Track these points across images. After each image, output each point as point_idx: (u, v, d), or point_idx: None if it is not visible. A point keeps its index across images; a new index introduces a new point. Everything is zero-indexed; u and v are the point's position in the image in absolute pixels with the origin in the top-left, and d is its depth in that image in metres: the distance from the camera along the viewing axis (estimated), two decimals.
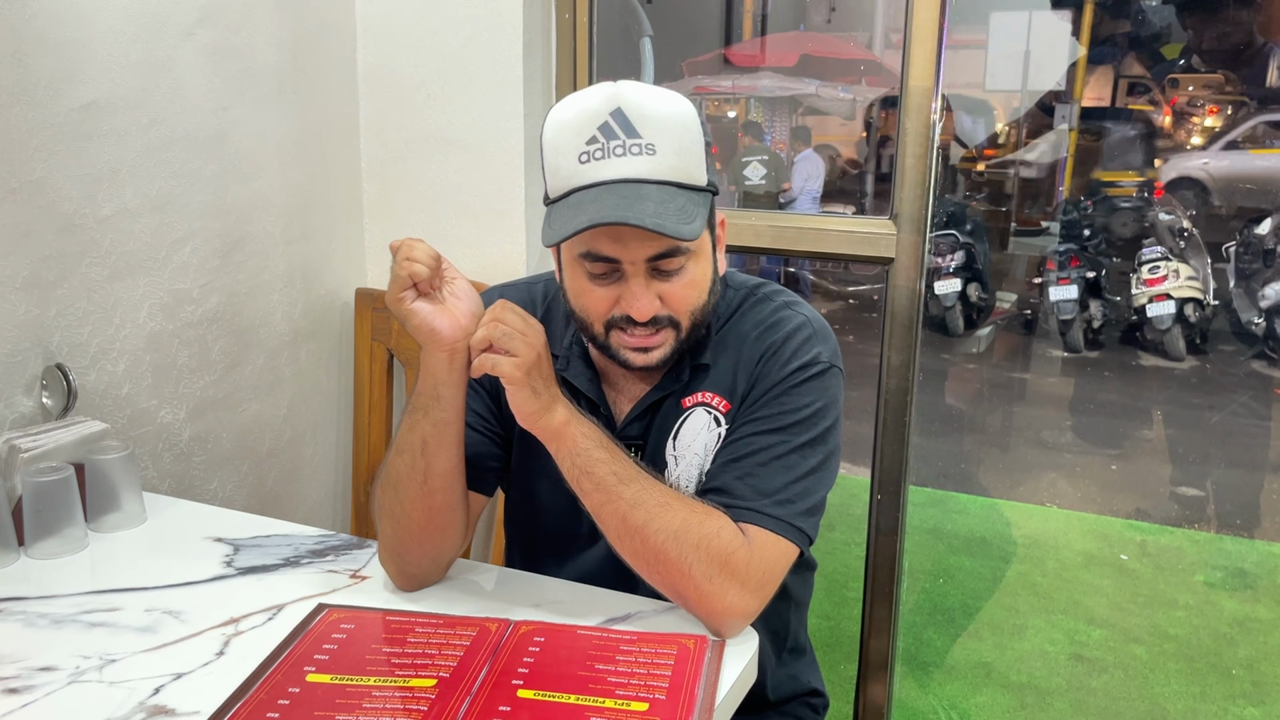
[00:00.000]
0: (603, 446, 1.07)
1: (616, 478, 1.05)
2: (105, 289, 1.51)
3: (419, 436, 1.10)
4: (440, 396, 1.09)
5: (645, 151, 1.05)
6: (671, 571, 1.04)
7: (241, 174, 1.72)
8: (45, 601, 1.15)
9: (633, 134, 1.05)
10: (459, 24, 1.88)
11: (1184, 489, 4.31)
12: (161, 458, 1.64)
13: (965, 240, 6.82)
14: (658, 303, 1.09)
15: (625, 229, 1.03)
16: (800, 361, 1.15)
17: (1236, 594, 3.29)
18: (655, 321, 1.10)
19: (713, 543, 1.04)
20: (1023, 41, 9.16)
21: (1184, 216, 6.78)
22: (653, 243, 1.05)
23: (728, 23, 11.14)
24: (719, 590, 1.04)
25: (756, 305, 1.22)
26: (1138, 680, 2.73)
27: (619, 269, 1.08)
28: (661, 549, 1.04)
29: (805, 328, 1.19)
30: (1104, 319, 6.46)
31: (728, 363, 1.19)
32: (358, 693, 0.94)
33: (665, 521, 1.04)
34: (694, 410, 1.18)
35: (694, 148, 1.08)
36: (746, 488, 1.10)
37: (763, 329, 1.19)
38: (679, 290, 1.10)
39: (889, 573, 1.89)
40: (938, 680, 2.70)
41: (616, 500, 1.05)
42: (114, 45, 1.48)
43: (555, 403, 1.07)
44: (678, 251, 1.07)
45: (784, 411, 1.14)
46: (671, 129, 1.06)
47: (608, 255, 1.07)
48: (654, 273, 1.09)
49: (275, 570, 1.23)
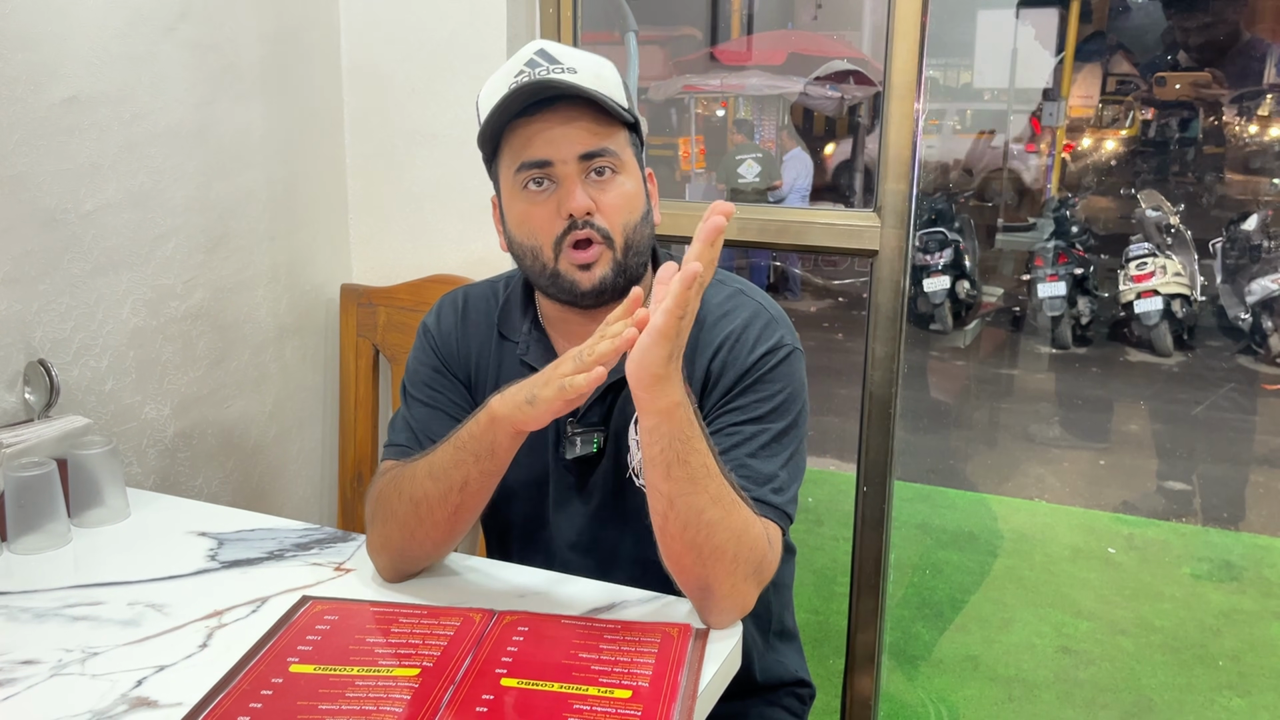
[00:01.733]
0: (701, 438, 1.01)
1: (706, 470, 1.01)
2: (88, 284, 1.51)
3: (461, 476, 1.07)
4: (495, 453, 1.06)
5: (568, 72, 1.12)
6: (720, 568, 1.03)
7: (225, 169, 1.72)
8: (27, 596, 1.15)
9: (554, 62, 1.13)
10: (443, 18, 1.88)
11: (1170, 483, 4.33)
12: (146, 454, 1.63)
13: (953, 237, 6.85)
14: (592, 202, 1.12)
15: (556, 130, 1.10)
16: (765, 348, 1.16)
17: (1222, 586, 3.30)
18: (592, 227, 1.12)
19: (758, 545, 1.05)
20: (1009, 39, 9.21)
21: (1171, 213, 6.82)
22: (582, 138, 1.11)
23: (714, 21, 11.15)
24: (746, 587, 1.05)
25: (710, 289, 1.21)
26: (1124, 672, 2.74)
27: (553, 175, 1.12)
28: (723, 546, 1.02)
29: (762, 313, 1.20)
30: (1092, 315, 6.49)
31: (685, 348, 1.18)
32: (341, 682, 0.94)
33: (732, 522, 1.03)
34: None
35: (612, 78, 1.15)
36: (741, 478, 1.10)
37: (719, 315, 1.20)
38: (611, 199, 1.13)
39: (875, 565, 1.89)
40: (925, 673, 2.71)
41: (701, 493, 1.00)
42: (95, 40, 1.48)
43: (677, 377, 0.98)
44: (608, 152, 1.12)
45: (759, 400, 1.15)
46: (591, 62, 1.15)
47: (541, 158, 1.11)
48: (587, 177, 1.13)
49: (259, 564, 1.22)
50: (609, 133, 1.13)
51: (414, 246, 1.99)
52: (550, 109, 1.11)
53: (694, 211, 2.00)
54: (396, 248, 2.00)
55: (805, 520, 3.66)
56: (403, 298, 1.91)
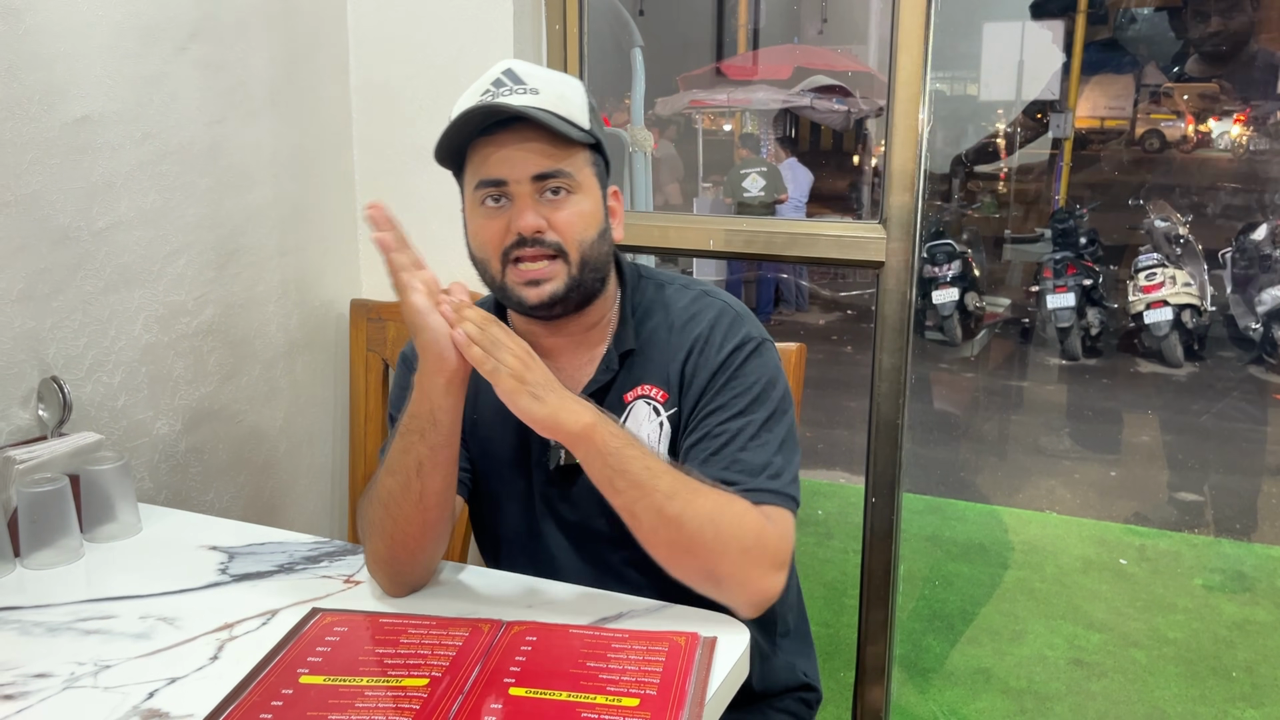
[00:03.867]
0: (632, 444, 1.08)
1: (650, 472, 1.06)
2: (100, 301, 1.52)
3: (414, 459, 1.10)
4: (437, 421, 1.10)
5: (530, 93, 1.15)
6: (708, 556, 1.07)
7: (235, 187, 1.73)
8: (40, 610, 1.16)
9: (519, 83, 1.16)
10: (450, 37, 1.90)
11: (1182, 494, 4.31)
12: (158, 469, 1.64)
13: (961, 249, 6.85)
14: (543, 221, 1.15)
15: (513, 151, 1.14)
16: (732, 344, 1.20)
17: (1235, 597, 3.29)
18: (541, 244, 1.15)
19: (744, 522, 1.08)
20: (1016, 52, 9.21)
21: (1180, 224, 6.80)
22: (536, 159, 1.14)
23: (719, 36, 11.20)
24: (754, 569, 1.08)
25: (675, 294, 1.27)
26: (1137, 684, 2.73)
27: (508, 193, 1.15)
28: (698, 534, 1.06)
29: (726, 312, 1.24)
30: (1101, 326, 6.47)
31: (658, 353, 1.23)
32: (350, 693, 0.95)
33: (699, 508, 1.06)
34: (635, 404, 1.23)
35: (576, 98, 1.18)
36: (737, 474, 1.13)
37: (686, 319, 1.24)
38: (565, 217, 1.16)
39: (884, 577, 1.89)
40: (937, 686, 2.70)
41: (652, 494, 1.06)
42: (108, 60, 1.50)
43: (570, 404, 1.06)
44: (561, 173, 1.15)
45: (737, 395, 1.18)
46: (555, 82, 1.18)
47: (495, 177, 1.15)
48: (541, 197, 1.15)
49: (269, 577, 1.23)
50: (564, 154, 1.16)
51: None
52: (508, 129, 1.15)
53: (697, 226, 2.01)
54: None
55: (815, 533, 3.65)
56: None
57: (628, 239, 2.01)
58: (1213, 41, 4.32)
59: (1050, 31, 8.96)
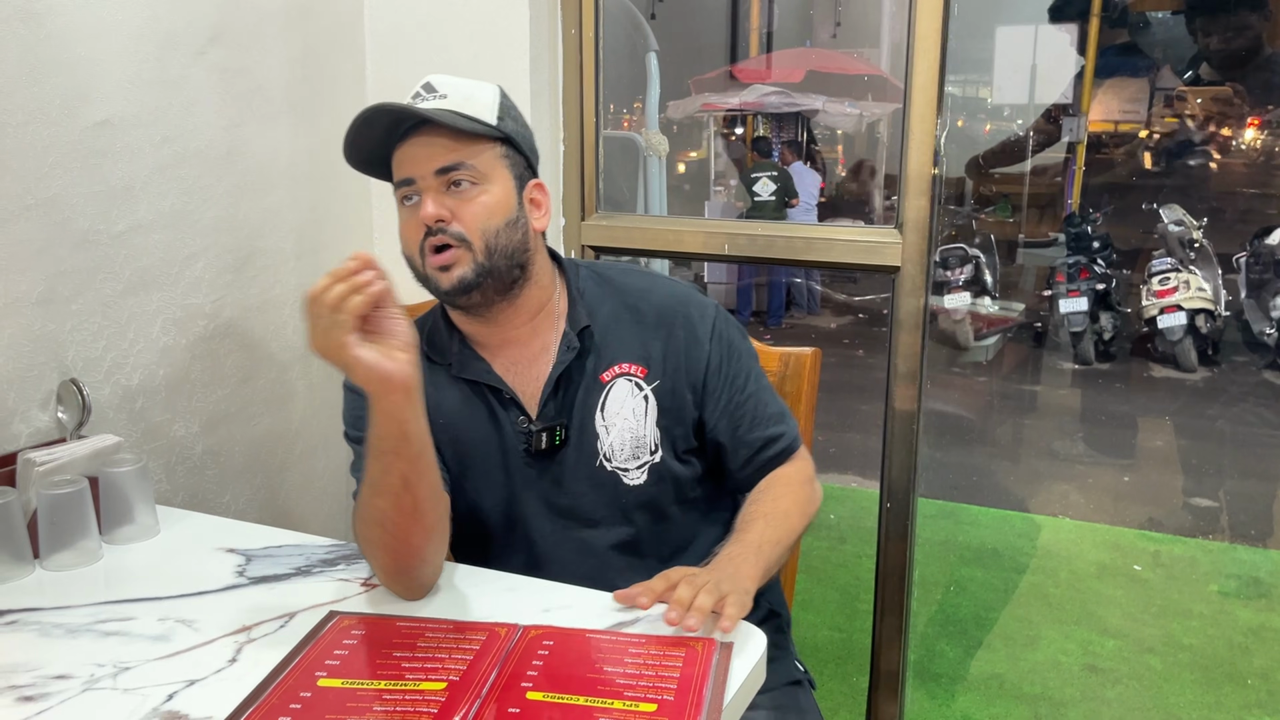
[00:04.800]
0: (758, 546, 1.19)
1: (774, 545, 1.20)
2: (119, 304, 1.53)
3: (397, 477, 1.10)
4: (408, 434, 1.08)
5: (439, 98, 1.23)
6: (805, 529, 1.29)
7: (253, 190, 1.74)
8: (60, 612, 1.16)
9: (432, 91, 1.24)
10: (466, 40, 1.90)
11: (1197, 499, 4.29)
12: (175, 471, 1.65)
13: (974, 253, 6.82)
14: (444, 211, 1.20)
15: (419, 150, 1.21)
16: (710, 318, 1.33)
17: (1251, 603, 3.27)
18: (445, 232, 1.21)
19: (803, 489, 1.31)
20: (1029, 55, 9.18)
21: (1194, 228, 6.77)
22: (437, 156, 1.20)
23: (733, 40, 11.20)
24: (817, 502, 1.33)
25: (618, 275, 1.36)
26: (1152, 690, 2.71)
27: (418, 190, 1.22)
28: (802, 530, 1.29)
29: (677, 286, 1.36)
30: (1115, 331, 6.44)
31: (627, 331, 1.31)
32: (368, 696, 0.95)
33: (792, 522, 1.26)
34: (615, 381, 1.30)
35: (484, 99, 1.25)
36: (773, 427, 1.32)
37: (640, 296, 1.33)
38: (466, 206, 1.22)
39: (899, 582, 1.89)
40: (951, 692, 2.69)
41: (786, 551, 1.24)
42: (127, 64, 1.51)
43: (743, 573, 1.13)
44: (461, 166, 1.21)
45: (738, 362, 1.33)
46: (466, 87, 1.25)
47: (406, 176, 1.22)
48: (447, 191, 1.22)
49: (287, 579, 1.24)
50: (465, 148, 1.22)
51: None
52: (417, 133, 1.22)
53: (712, 229, 2.01)
54: None
55: (828, 537, 3.64)
56: None
57: (644, 243, 2.02)
58: (1227, 45, 4.30)
59: (1067, 35, 8.93)
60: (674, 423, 1.30)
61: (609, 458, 1.29)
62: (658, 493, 1.31)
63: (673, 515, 1.33)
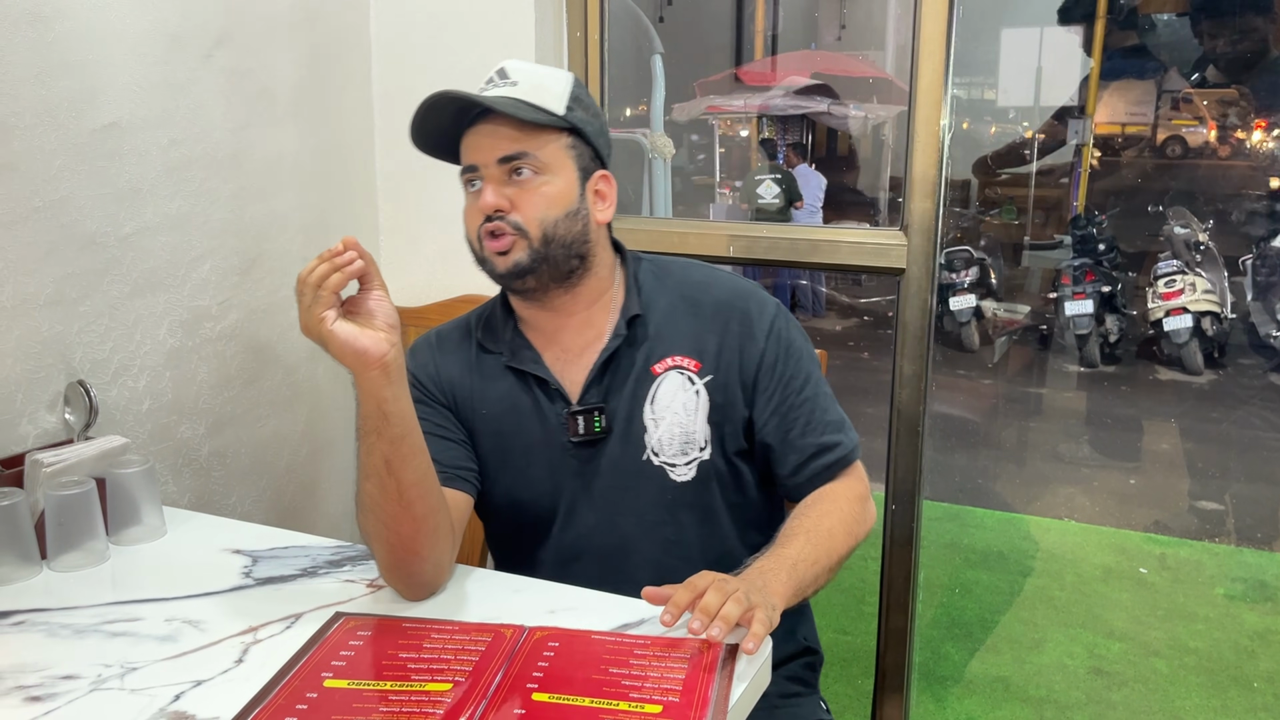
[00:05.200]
0: (794, 562, 1.15)
1: (811, 564, 1.16)
2: (126, 306, 1.54)
3: (380, 458, 1.10)
4: (388, 414, 1.09)
5: (509, 86, 1.23)
6: (852, 549, 1.25)
7: (259, 192, 1.75)
8: (67, 613, 1.17)
9: (505, 78, 1.24)
10: (472, 43, 1.91)
11: (1203, 502, 4.28)
12: (181, 473, 1.66)
13: (979, 255, 6.82)
14: (503, 201, 1.21)
15: (484, 138, 1.21)
16: (770, 316, 1.30)
17: (1257, 607, 3.26)
18: (502, 219, 1.21)
19: (853, 507, 1.26)
20: (1034, 57, 9.18)
21: (1199, 230, 6.76)
22: (502, 145, 1.20)
23: (738, 42, 11.20)
24: (868, 526, 1.28)
25: (680, 269, 1.35)
26: (1158, 694, 2.71)
27: (480, 177, 1.22)
28: (847, 553, 1.23)
29: (741, 283, 1.34)
30: (1120, 333, 6.43)
31: (683, 323, 1.29)
32: (374, 697, 0.95)
33: (835, 543, 1.21)
34: (667, 374, 1.28)
35: (556, 88, 1.24)
36: (830, 435, 1.28)
37: (700, 290, 1.31)
38: (526, 196, 1.21)
39: (904, 584, 1.89)
40: (956, 695, 2.68)
41: (824, 572, 1.19)
42: (135, 67, 1.52)
43: (772, 588, 1.10)
44: (523, 156, 1.20)
45: (797, 363, 1.29)
46: (538, 75, 1.24)
47: (470, 163, 1.23)
48: (509, 179, 1.21)
49: (293, 580, 1.24)
50: (529, 138, 1.21)
51: (443, 268, 2.01)
52: (485, 120, 1.22)
53: (717, 231, 2.01)
54: (426, 269, 2.03)
55: None
56: (433, 318, 1.93)
57: (648, 245, 2.02)
58: (1233, 48, 4.30)
59: (1073, 37, 8.92)
60: (725, 419, 1.28)
61: (656, 451, 1.27)
62: (705, 491, 1.28)
63: (720, 519, 1.30)
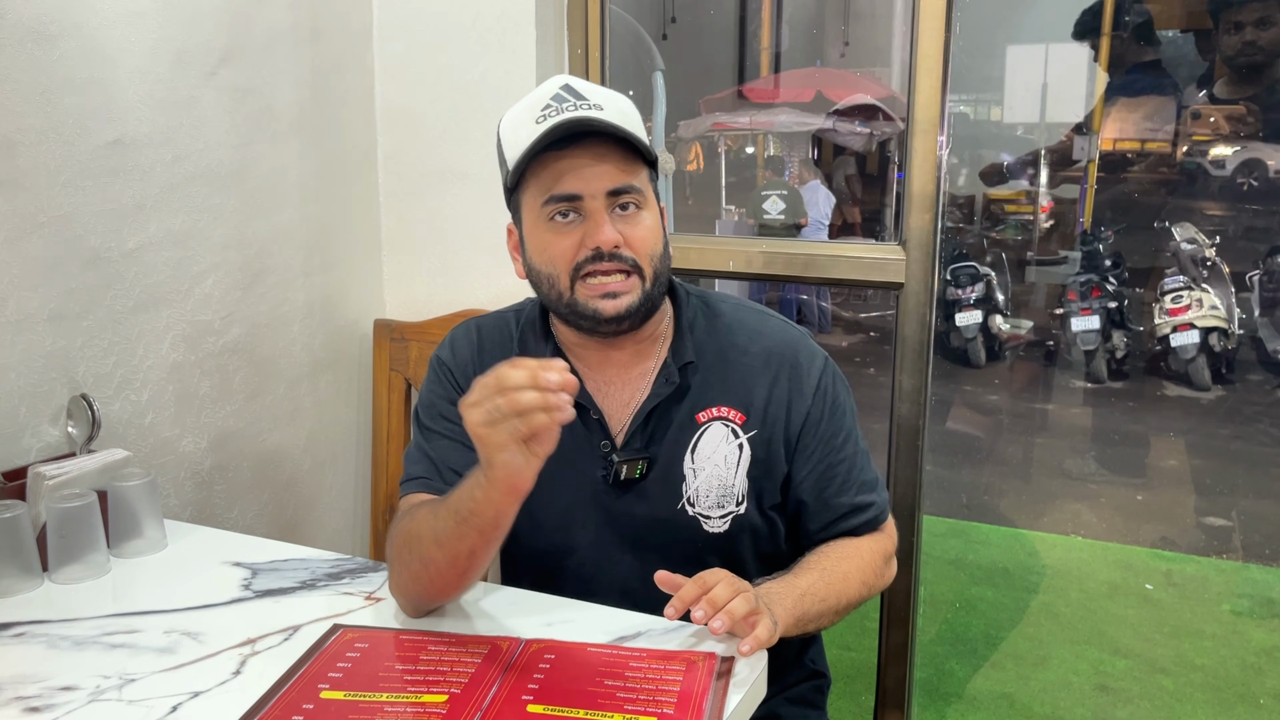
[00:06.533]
0: (802, 591, 1.15)
1: (818, 600, 1.16)
2: (129, 321, 1.55)
3: (468, 546, 1.06)
4: (500, 524, 1.06)
5: (594, 109, 1.14)
6: (865, 600, 1.24)
7: (262, 208, 1.76)
8: (67, 624, 1.17)
9: (581, 99, 1.15)
10: (474, 61, 1.92)
11: (1210, 518, 4.26)
12: (184, 486, 1.66)
13: (985, 271, 6.82)
14: (620, 236, 1.14)
15: (586, 166, 1.13)
16: (818, 369, 1.26)
17: (1264, 623, 3.24)
18: (620, 259, 1.14)
19: (874, 561, 1.25)
20: (1040, 74, 9.18)
21: (1206, 245, 6.75)
22: (611, 175, 1.14)
23: (741, 60, 11.25)
24: (886, 582, 1.29)
25: (731, 310, 1.28)
26: (1164, 711, 2.69)
27: (580, 209, 1.15)
28: (857, 602, 1.22)
29: (795, 333, 1.28)
30: (1127, 349, 6.41)
31: (731, 374, 1.23)
32: (370, 708, 0.96)
33: (849, 588, 1.20)
34: (711, 424, 1.23)
35: (634, 115, 1.19)
36: (864, 495, 1.26)
37: (753, 339, 1.26)
38: (638, 232, 1.16)
39: (905, 600, 1.88)
40: (959, 711, 2.67)
41: (830, 613, 1.18)
42: (139, 85, 1.53)
43: (775, 608, 1.09)
44: (634, 189, 1.15)
45: (839, 419, 1.26)
46: (615, 99, 1.18)
47: (570, 192, 1.14)
48: (613, 212, 1.15)
49: (292, 593, 1.24)
50: (634, 170, 1.16)
51: (445, 282, 2.02)
52: (580, 144, 1.14)
53: (719, 247, 2.02)
54: (428, 283, 2.04)
55: None
56: (434, 332, 1.94)
57: None
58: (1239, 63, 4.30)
59: (1081, 53, 8.92)
60: (764, 475, 1.24)
61: (692, 502, 1.23)
62: (736, 543, 1.25)
63: (748, 569, 1.23)
